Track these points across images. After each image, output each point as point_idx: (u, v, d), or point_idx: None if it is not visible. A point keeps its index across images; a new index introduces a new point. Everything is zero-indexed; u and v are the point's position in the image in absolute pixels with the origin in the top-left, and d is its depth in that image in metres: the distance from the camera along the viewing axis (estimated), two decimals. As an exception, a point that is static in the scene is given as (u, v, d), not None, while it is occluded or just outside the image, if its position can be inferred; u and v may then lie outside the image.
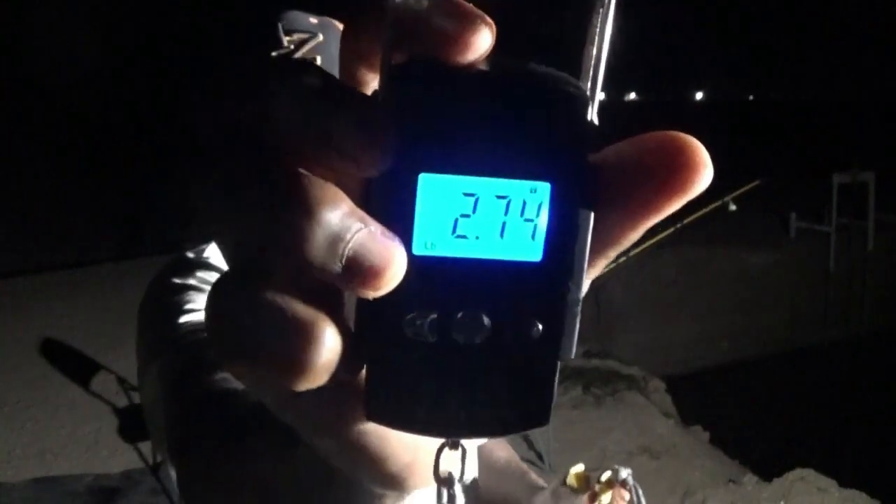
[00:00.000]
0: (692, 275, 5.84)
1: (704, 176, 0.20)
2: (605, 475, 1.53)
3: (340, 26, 0.72)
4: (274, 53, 0.69)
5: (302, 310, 0.18)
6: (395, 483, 0.23)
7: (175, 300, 0.67)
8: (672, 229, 3.56)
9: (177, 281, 0.70)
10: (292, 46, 0.70)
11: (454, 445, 0.22)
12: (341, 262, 0.17)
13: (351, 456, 0.22)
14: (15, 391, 3.60)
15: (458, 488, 0.23)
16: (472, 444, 0.23)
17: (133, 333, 0.71)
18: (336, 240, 0.17)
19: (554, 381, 0.21)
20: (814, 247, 6.63)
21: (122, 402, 3.10)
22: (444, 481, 0.23)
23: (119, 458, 2.99)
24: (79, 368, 3.41)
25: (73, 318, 4.33)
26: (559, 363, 0.21)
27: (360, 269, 0.17)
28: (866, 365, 5.47)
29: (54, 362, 3.61)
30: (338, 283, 0.18)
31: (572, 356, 0.20)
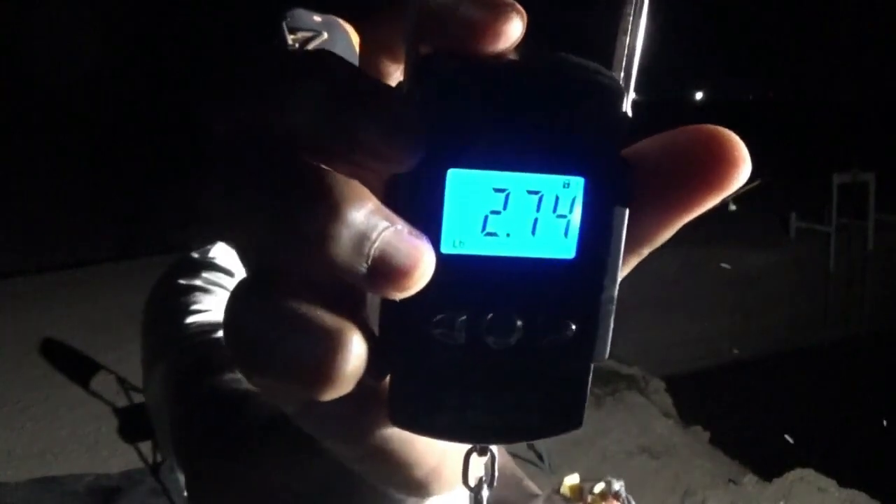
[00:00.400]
0: (692, 275, 5.83)
1: (743, 171, 0.19)
2: (599, 487, 1.54)
3: (345, 25, 0.72)
4: None
5: (326, 316, 0.17)
6: (420, 488, 0.23)
7: (181, 301, 0.66)
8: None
9: (182, 282, 0.69)
10: (297, 45, 0.70)
11: (482, 451, 0.22)
12: (367, 262, 0.17)
13: (374, 462, 0.22)
14: (15, 391, 3.60)
15: (485, 494, 0.22)
16: (500, 450, 0.22)
17: (133, 333, 0.70)
18: (362, 239, 0.16)
19: (587, 383, 0.20)
20: (814, 247, 6.63)
21: (122, 402, 3.10)
22: (474, 488, 0.22)
23: (119, 458, 2.99)
24: (79, 368, 3.41)
25: (73, 318, 4.33)
26: (593, 365, 0.20)
27: (387, 270, 0.17)
28: (866, 365, 5.47)
29: (54, 362, 3.61)
30: (363, 285, 0.17)
31: (606, 357, 0.20)
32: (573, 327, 0.19)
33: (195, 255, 0.75)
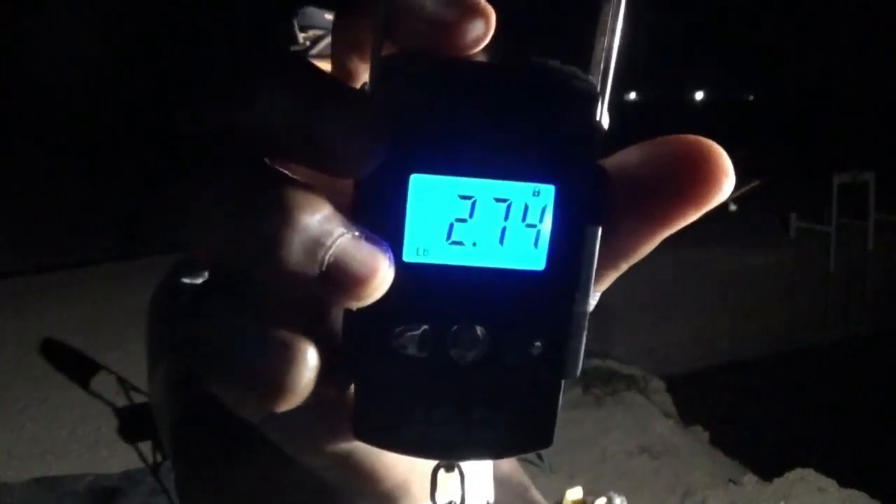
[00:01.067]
0: (692, 275, 5.83)
1: (726, 185, 0.18)
2: (601, 501, 1.54)
3: None
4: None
5: (281, 326, 0.17)
6: (389, 501, 0.22)
7: (182, 301, 0.67)
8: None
9: (185, 281, 0.70)
10: (308, 43, 0.70)
11: (450, 468, 0.21)
12: (321, 269, 0.16)
13: (340, 474, 0.21)
14: (15, 391, 3.60)
15: None
16: (470, 467, 0.22)
17: (133, 333, 0.71)
18: (315, 246, 0.16)
19: (557, 401, 0.19)
20: (814, 247, 6.63)
21: (122, 402, 3.09)
22: None
23: (119, 458, 2.99)
24: (79, 368, 3.41)
25: (73, 318, 4.33)
26: (563, 382, 0.19)
27: (342, 278, 0.16)
28: (866, 365, 5.47)
29: (54, 362, 3.61)
30: (319, 293, 0.17)
31: (577, 375, 0.19)
32: (541, 342, 0.18)
33: None
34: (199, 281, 0.70)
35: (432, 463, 0.21)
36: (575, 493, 1.67)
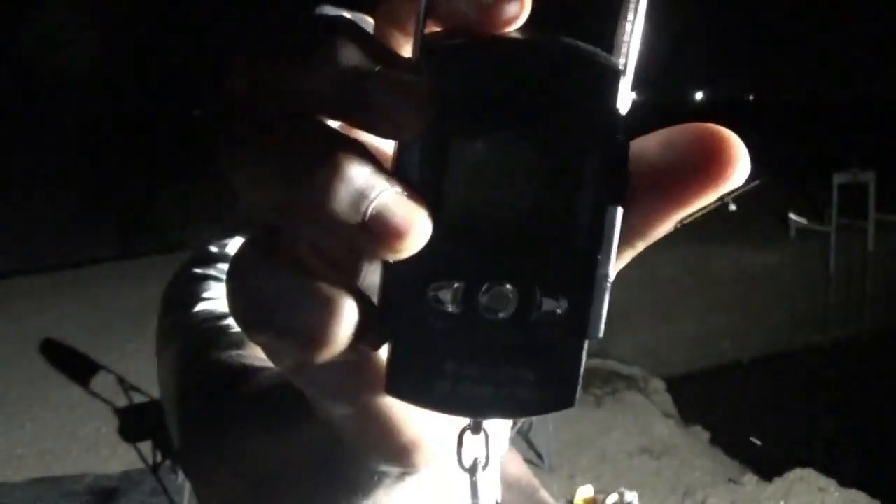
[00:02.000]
0: (692, 275, 5.84)
1: (739, 168, 0.19)
2: (612, 499, 1.54)
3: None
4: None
5: (324, 281, 0.18)
6: (400, 457, 0.23)
7: (193, 289, 0.68)
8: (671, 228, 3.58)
9: (197, 271, 0.71)
10: None
11: (476, 429, 0.22)
12: (363, 220, 0.17)
13: (359, 423, 0.22)
14: (15, 391, 3.60)
15: (480, 476, 0.22)
16: (494, 429, 0.22)
17: (133, 333, 0.71)
18: (360, 197, 0.17)
19: (581, 360, 0.20)
20: (814, 247, 6.63)
21: (122, 402, 3.10)
22: (469, 469, 0.22)
23: (119, 458, 3.00)
24: (79, 368, 3.41)
25: (73, 318, 4.33)
26: (587, 341, 0.20)
27: (381, 229, 0.17)
28: (866, 365, 5.47)
29: (54, 362, 3.61)
30: (358, 244, 0.18)
31: (601, 335, 0.20)
32: (566, 301, 0.19)
33: (213, 248, 0.77)
34: (211, 272, 0.71)
35: (448, 424, 0.22)
36: (586, 490, 1.68)
